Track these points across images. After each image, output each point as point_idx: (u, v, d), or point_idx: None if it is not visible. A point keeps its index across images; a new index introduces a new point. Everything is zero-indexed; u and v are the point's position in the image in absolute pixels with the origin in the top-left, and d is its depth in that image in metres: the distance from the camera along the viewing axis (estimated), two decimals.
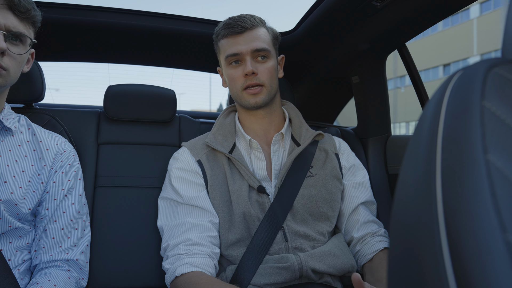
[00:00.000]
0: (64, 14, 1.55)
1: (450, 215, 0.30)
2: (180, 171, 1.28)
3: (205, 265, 1.12)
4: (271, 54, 1.29)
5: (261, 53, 1.26)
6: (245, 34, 1.26)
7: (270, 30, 1.33)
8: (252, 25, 1.27)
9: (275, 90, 1.30)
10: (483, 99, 0.33)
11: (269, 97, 1.28)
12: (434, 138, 0.35)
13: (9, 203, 1.03)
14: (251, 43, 1.24)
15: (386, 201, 1.68)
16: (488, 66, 0.36)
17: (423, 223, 0.32)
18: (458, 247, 0.29)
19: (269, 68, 1.27)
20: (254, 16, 1.31)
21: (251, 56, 1.25)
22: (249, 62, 1.23)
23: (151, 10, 1.64)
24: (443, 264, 0.30)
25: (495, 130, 0.32)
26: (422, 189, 0.34)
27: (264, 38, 1.28)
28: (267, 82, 1.26)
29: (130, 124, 1.56)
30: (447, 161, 0.32)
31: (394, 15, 1.39)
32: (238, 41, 1.26)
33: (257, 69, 1.24)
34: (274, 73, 1.29)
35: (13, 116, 1.15)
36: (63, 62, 2.04)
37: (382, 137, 1.80)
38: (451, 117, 0.34)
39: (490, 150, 0.31)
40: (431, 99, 0.39)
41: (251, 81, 1.24)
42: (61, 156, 1.20)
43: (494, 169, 0.30)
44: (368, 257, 1.25)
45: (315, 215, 1.25)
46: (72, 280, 1.10)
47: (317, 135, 1.34)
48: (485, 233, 0.28)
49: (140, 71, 49.35)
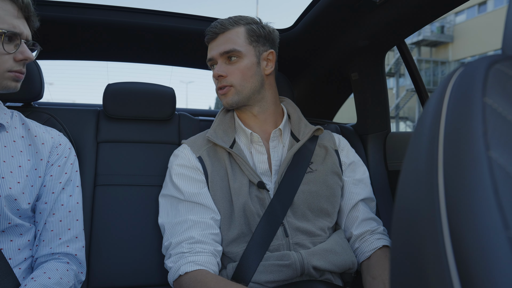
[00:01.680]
0: (63, 12, 1.55)
1: (453, 212, 0.30)
2: (181, 168, 1.28)
3: (209, 263, 1.12)
4: (243, 53, 1.29)
5: (230, 54, 1.29)
6: (217, 38, 1.32)
7: (248, 28, 1.31)
8: (223, 28, 1.30)
9: (249, 89, 1.30)
10: (484, 95, 0.33)
11: (239, 97, 1.29)
12: (436, 135, 0.35)
13: (9, 199, 1.04)
14: (220, 47, 1.30)
15: (385, 198, 1.68)
16: (489, 63, 0.36)
17: (426, 220, 0.32)
18: (461, 244, 0.29)
19: (240, 68, 1.28)
20: (231, 17, 1.33)
21: (222, 59, 1.30)
22: (218, 66, 1.30)
23: (150, 7, 1.64)
24: (446, 261, 0.30)
25: (496, 127, 0.32)
26: (424, 186, 0.34)
27: (234, 39, 1.29)
28: (236, 82, 1.28)
29: (129, 122, 1.56)
30: (449, 158, 0.32)
31: (393, 11, 1.38)
32: (212, 46, 1.33)
33: (226, 71, 1.28)
34: (247, 72, 1.29)
35: (5, 112, 1.16)
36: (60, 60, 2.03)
37: (381, 134, 1.81)
38: (452, 114, 0.34)
39: (492, 147, 0.31)
40: (432, 95, 0.39)
41: (220, 83, 1.30)
42: (56, 149, 1.21)
43: (496, 166, 0.30)
44: (366, 254, 1.25)
45: (316, 211, 1.25)
46: (71, 272, 1.11)
47: (316, 130, 1.34)
48: (488, 230, 0.28)
49: (139, 69, 49.30)
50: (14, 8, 1.05)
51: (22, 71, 1.09)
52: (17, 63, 1.07)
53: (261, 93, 1.33)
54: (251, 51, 1.30)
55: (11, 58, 1.05)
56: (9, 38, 1.04)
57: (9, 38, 1.04)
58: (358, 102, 1.86)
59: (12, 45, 1.05)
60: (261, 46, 1.33)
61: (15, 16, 1.05)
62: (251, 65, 1.30)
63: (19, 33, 1.05)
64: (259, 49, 1.33)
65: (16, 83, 1.09)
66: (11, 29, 1.03)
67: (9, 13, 1.04)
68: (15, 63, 1.06)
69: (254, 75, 1.30)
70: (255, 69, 1.30)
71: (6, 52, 1.03)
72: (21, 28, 1.06)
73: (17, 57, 1.06)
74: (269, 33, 1.35)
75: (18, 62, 1.07)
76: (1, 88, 1.07)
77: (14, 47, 1.05)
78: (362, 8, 1.39)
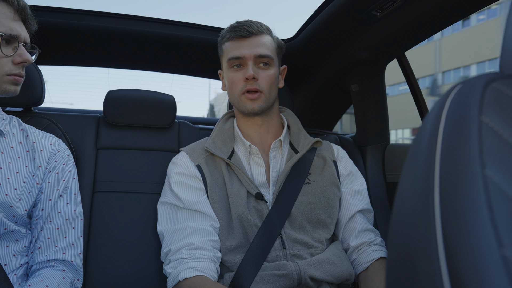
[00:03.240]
0: (65, 18, 1.56)
1: (448, 229, 0.31)
2: (180, 176, 1.28)
3: (208, 270, 1.12)
4: (274, 62, 1.29)
5: (264, 60, 1.26)
6: (250, 39, 1.27)
7: (275, 39, 1.34)
8: (258, 31, 1.28)
9: (273, 98, 1.31)
10: (481, 114, 0.34)
11: (266, 105, 1.28)
12: (433, 152, 0.35)
13: (5, 205, 1.03)
14: (255, 48, 1.25)
15: (384, 209, 1.68)
16: (486, 81, 0.37)
17: (421, 236, 0.33)
18: (455, 261, 0.29)
19: (270, 75, 1.27)
20: (261, 23, 1.32)
21: (254, 61, 1.25)
22: (250, 67, 1.24)
23: (151, 15, 1.65)
24: (441, 277, 0.30)
25: (492, 145, 0.32)
26: (420, 202, 0.34)
27: (268, 45, 1.28)
28: (266, 89, 1.26)
29: (129, 129, 1.56)
30: (445, 175, 0.33)
31: (394, 25, 1.39)
32: (243, 45, 1.27)
33: (258, 75, 1.25)
34: (274, 81, 1.29)
35: (3, 117, 1.15)
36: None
37: (380, 145, 1.81)
38: (449, 132, 0.35)
39: (487, 165, 0.31)
40: (430, 112, 0.40)
41: (251, 86, 1.25)
42: (55, 156, 1.20)
43: (492, 184, 0.30)
44: (364, 266, 1.25)
45: (313, 222, 1.25)
46: (67, 280, 1.10)
47: (315, 142, 1.34)
48: (482, 247, 0.28)
49: (140, 76, 49.34)
50: (10, 10, 1.04)
51: (21, 74, 1.08)
52: (16, 66, 1.06)
53: (273, 104, 1.34)
54: (277, 62, 1.32)
55: (9, 61, 1.04)
56: (7, 41, 1.04)
57: (7, 41, 1.04)
58: (358, 113, 1.87)
59: (10, 48, 1.05)
60: (280, 59, 1.36)
61: (11, 19, 1.04)
62: (277, 75, 1.31)
63: (16, 36, 1.04)
64: (280, 62, 1.36)
65: (16, 87, 1.08)
66: (8, 31, 1.02)
67: (5, 16, 1.03)
68: (13, 66, 1.05)
69: (276, 86, 1.32)
70: (277, 80, 1.32)
71: (5, 55, 1.03)
72: (18, 31, 1.05)
73: (16, 60, 1.05)
74: (284, 48, 1.38)
75: (17, 65, 1.06)
76: (1, 92, 1.06)
77: (12, 50, 1.05)
78: (363, 21, 1.40)
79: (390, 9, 1.30)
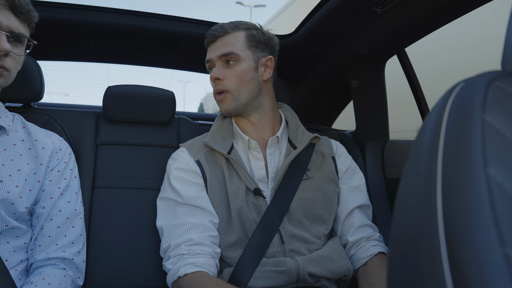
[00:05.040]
0: (64, 13, 1.55)
1: (450, 228, 0.31)
2: (179, 171, 1.28)
3: (208, 265, 1.12)
4: (241, 58, 1.28)
5: (228, 57, 1.28)
6: (216, 41, 1.32)
7: (250, 33, 1.32)
8: (223, 31, 1.30)
9: (246, 94, 1.29)
10: (484, 112, 0.34)
11: (236, 104, 1.29)
12: (435, 150, 0.35)
13: (6, 202, 1.03)
14: (219, 49, 1.30)
15: (383, 205, 1.69)
16: (489, 79, 0.37)
17: (423, 235, 0.33)
18: (457, 259, 0.29)
19: (237, 72, 1.28)
20: (232, 22, 1.34)
21: (220, 62, 1.30)
22: (216, 68, 1.29)
23: (150, 11, 1.64)
24: (443, 276, 0.30)
25: (495, 144, 0.32)
26: (422, 201, 0.34)
27: (233, 42, 1.29)
28: (232, 87, 1.27)
29: (129, 125, 1.56)
30: (448, 174, 0.33)
31: (394, 21, 1.39)
32: (211, 49, 1.33)
33: (223, 74, 1.28)
34: (243, 77, 1.28)
35: (6, 114, 1.14)
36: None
37: (380, 141, 1.81)
38: (452, 130, 0.35)
39: (490, 164, 0.31)
40: (432, 110, 0.39)
41: (217, 86, 1.30)
42: (57, 154, 1.20)
43: (494, 183, 0.30)
44: (362, 261, 1.26)
45: (312, 218, 1.25)
46: (68, 278, 1.10)
47: (313, 138, 1.34)
48: (484, 246, 0.28)
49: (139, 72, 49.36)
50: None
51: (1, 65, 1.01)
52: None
53: (259, 99, 1.33)
54: (249, 56, 1.31)
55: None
56: None
57: None
58: (358, 109, 1.87)
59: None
60: (260, 51, 1.33)
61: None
62: (248, 69, 1.29)
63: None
64: (257, 55, 1.33)
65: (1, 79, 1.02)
66: None
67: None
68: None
69: (251, 80, 1.30)
70: (252, 74, 1.30)
71: None
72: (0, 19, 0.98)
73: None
74: (269, 39, 1.36)
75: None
76: None
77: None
78: (364, 17, 1.39)
79: (390, 5, 1.30)
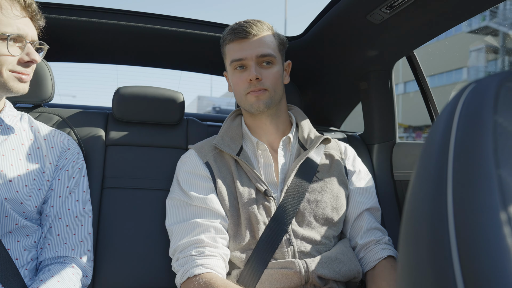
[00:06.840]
0: (75, 15, 1.56)
1: (461, 230, 0.30)
2: (189, 174, 1.28)
3: (217, 267, 1.12)
4: (276, 60, 1.29)
5: (265, 59, 1.26)
6: (250, 39, 1.27)
7: (276, 36, 1.33)
8: (258, 30, 1.28)
9: (279, 95, 1.31)
10: (495, 113, 0.34)
11: (272, 101, 1.28)
12: (446, 151, 0.35)
13: (15, 202, 1.04)
14: (256, 49, 1.26)
15: (391, 207, 1.68)
16: (500, 80, 0.37)
17: (434, 237, 0.33)
18: (468, 261, 0.29)
19: (273, 73, 1.27)
20: (261, 21, 1.31)
21: (256, 61, 1.26)
22: (253, 68, 1.24)
23: (159, 12, 1.65)
24: (454, 280, 0.30)
25: (507, 145, 0.32)
26: (433, 202, 0.34)
27: (269, 43, 1.28)
28: (271, 87, 1.27)
29: (138, 126, 1.57)
30: (459, 175, 0.33)
31: (403, 23, 1.39)
32: (243, 46, 1.27)
33: (261, 74, 1.25)
34: (279, 79, 1.30)
35: (14, 114, 1.16)
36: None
37: (388, 144, 1.80)
38: (463, 131, 0.35)
39: (502, 165, 0.31)
40: (442, 111, 0.39)
41: (255, 86, 1.26)
42: (65, 153, 1.21)
43: (506, 184, 0.30)
44: (371, 264, 1.25)
45: (321, 220, 1.25)
46: (77, 276, 1.11)
47: (323, 140, 1.34)
48: (496, 248, 0.28)
49: (148, 73, 49.67)
50: (16, 8, 1.03)
51: (26, 72, 1.06)
52: (22, 64, 1.04)
53: (281, 101, 1.34)
54: (280, 59, 1.32)
55: (15, 59, 1.03)
56: (14, 40, 1.02)
57: (14, 40, 1.02)
58: (366, 111, 1.86)
59: (17, 47, 1.03)
60: (284, 55, 1.36)
61: (18, 17, 1.03)
62: (281, 72, 1.31)
63: (23, 35, 1.03)
64: (283, 58, 1.36)
65: (23, 84, 1.07)
66: (15, 31, 1.01)
67: (12, 14, 1.01)
68: (18, 64, 1.04)
69: (281, 83, 1.32)
70: (282, 77, 1.32)
71: (12, 55, 1.01)
72: (25, 30, 1.04)
73: (23, 59, 1.04)
74: (286, 43, 1.38)
75: (23, 64, 1.05)
76: (9, 91, 1.05)
77: (19, 49, 1.03)
78: (373, 19, 1.39)
79: (400, 8, 1.29)
